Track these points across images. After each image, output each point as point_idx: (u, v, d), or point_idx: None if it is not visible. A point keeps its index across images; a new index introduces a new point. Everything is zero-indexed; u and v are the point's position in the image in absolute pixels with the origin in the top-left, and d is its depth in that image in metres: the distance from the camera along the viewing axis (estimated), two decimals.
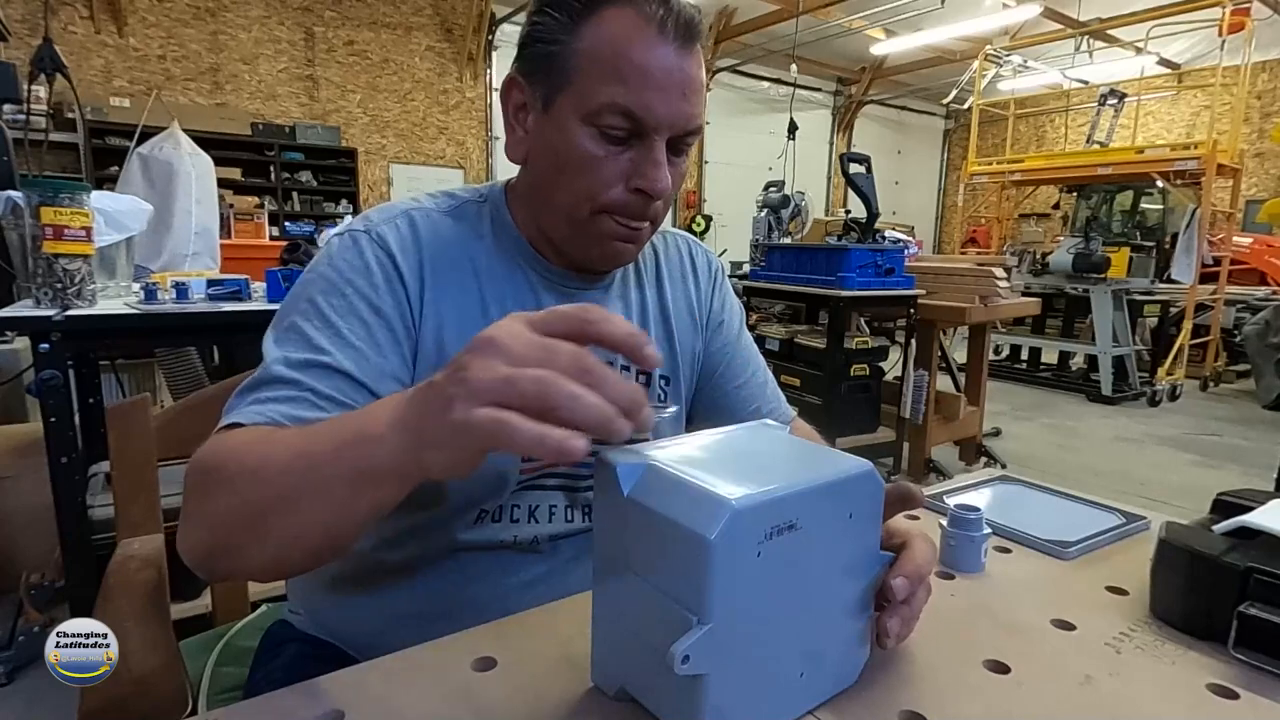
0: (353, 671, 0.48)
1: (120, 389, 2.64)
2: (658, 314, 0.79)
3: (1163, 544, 0.56)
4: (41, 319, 1.40)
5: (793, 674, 0.43)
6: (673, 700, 0.40)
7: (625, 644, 0.44)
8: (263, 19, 7.34)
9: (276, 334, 0.60)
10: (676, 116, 0.62)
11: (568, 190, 0.64)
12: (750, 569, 0.38)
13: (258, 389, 0.56)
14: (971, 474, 0.90)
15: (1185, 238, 5.60)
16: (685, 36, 0.61)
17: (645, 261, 0.80)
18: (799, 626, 0.42)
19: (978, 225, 10.30)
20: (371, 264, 0.63)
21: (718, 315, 0.85)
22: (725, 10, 9.41)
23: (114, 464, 0.81)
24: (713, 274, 0.86)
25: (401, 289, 0.63)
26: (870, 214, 3.04)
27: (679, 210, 10.84)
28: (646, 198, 0.64)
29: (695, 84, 0.63)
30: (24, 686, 1.66)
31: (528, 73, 0.65)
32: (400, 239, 0.65)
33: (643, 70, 0.60)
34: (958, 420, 3.47)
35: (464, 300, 0.66)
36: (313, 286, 0.62)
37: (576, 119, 0.62)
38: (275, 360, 0.58)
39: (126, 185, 2.52)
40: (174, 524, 0.53)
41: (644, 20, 0.60)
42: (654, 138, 0.62)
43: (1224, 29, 5.59)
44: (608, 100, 0.60)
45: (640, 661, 0.43)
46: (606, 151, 0.62)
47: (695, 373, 0.83)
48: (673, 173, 0.64)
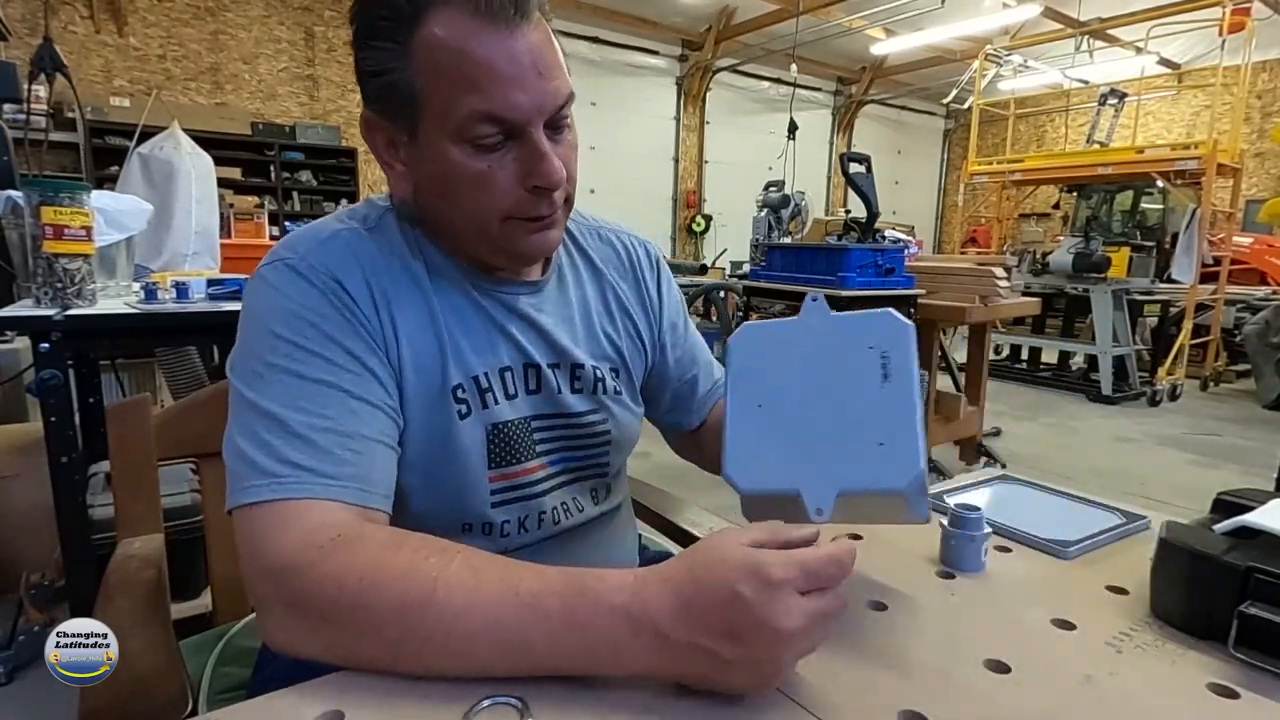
0: (353, 671, 0.48)
1: (120, 389, 2.64)
2: (601, 308, 0.78)
3: (1163, 544, 0.56)
4: (41, 319, 1.40)
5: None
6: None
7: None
8: (263, 19, 7.35)
9: (251, 381, 0.57)
10: (542, 100, 0.58)
11: (467, 211, 0.62)
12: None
13: (280, 448, 0.53)
14: (971, 474, 0.90)
15: (1185, 237, 5.60)
16: (517, 9, 0.56)
17: (575, 259, 0.79)
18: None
19: (978, 225, 10.31)
20: (324, 292, 0.59)
21: (670, 317, 0.85)
22: (725, 10, 9.42)
23: (114, 464, 0.81)
24: (655, 267, 0.85)
25: (358, 310, 0.60)
26: (870, 214, 3.03)
27: (679, 210, 10.85)
28: (546, 190, 0.62)
29: (546, 57, 0.59)
30: (24, 686, 1.66)
31: (380, 109, 0.62)
32: (340, 262, 0.61)
33: (488, 68, 0.56)
34: (958, 420, 3.47)
35: (414, 313, 0.64)
36: (272, 323, 0.58)
37: (446, 140, 0.59)
38: (278, 408, 0.55)
39: (126, 185, 2.52)
40: (174, 524, 0.53)
41: (468, 12, 0.55)
42: (529, 130, 0.59)
43: (1224, 29, 5.58)
44: (467, 112, 0.57)
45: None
46: (489, 163, 0.59)
47: (648, 359, 0.83)
48: (562, 153, 0.61)
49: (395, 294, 0.63)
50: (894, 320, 0.58)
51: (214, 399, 0.87)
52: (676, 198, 10.87)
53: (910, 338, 0.57)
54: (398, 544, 0.50)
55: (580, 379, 0.73)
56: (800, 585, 0.43)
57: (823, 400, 0.58)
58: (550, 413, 0.71)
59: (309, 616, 0.49)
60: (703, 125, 10.87)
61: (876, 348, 0.57)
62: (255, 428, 0.54)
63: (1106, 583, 0.63)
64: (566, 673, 0.46)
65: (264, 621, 0.51)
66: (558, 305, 0.74)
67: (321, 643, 0.49)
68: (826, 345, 0.59)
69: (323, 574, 0.48)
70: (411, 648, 0.46)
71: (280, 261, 0.60)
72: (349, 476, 0.54)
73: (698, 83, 10.48)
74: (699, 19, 9.75)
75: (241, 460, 0.54)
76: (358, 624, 0.47)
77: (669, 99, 10.58)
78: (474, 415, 0.65)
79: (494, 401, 0.67)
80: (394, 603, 0.47)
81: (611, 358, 0.77)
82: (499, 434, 0.67)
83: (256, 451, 0.53)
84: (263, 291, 0.60)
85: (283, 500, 0.52)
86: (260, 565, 0.50)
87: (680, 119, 10.67)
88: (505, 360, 0.68)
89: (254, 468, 0.53)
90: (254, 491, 0.52)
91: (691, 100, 10.61)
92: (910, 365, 0.56)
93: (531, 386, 0.70)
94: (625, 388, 0.78)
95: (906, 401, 0.55)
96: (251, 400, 0.56)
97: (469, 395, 0.65)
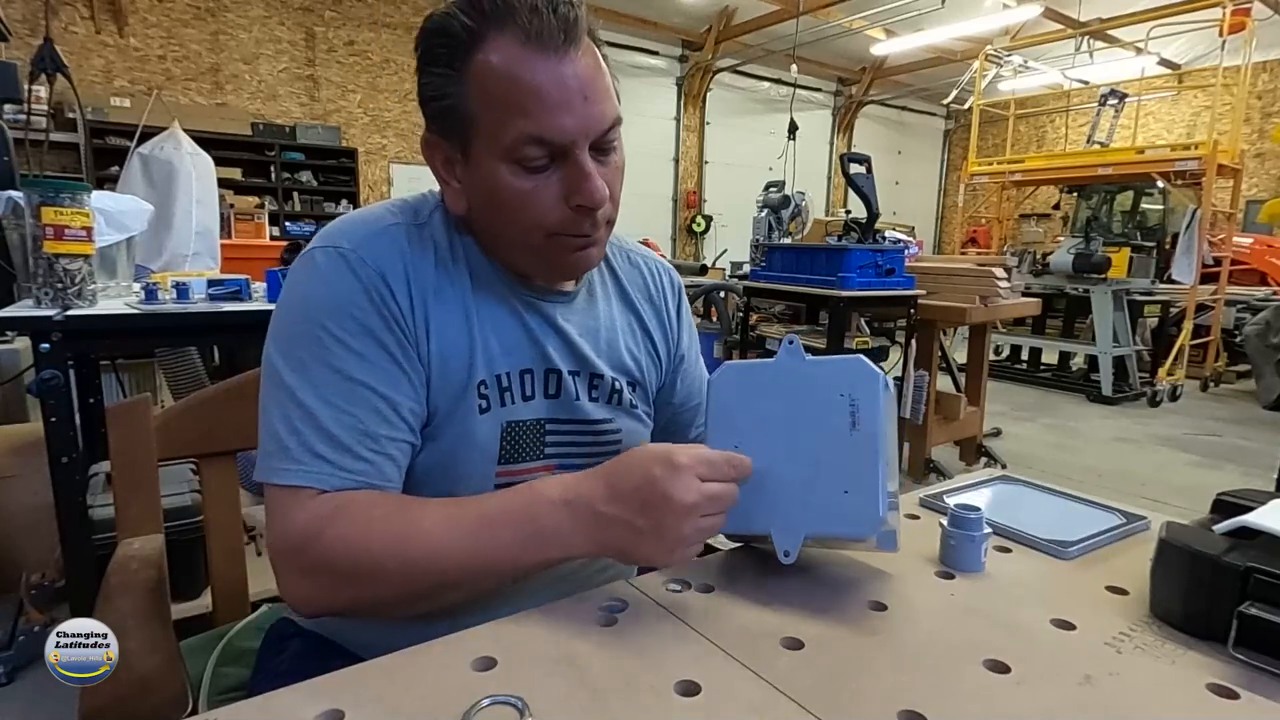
0: (353, 671, 0.48)
1: (120, 389, 2.65)
2: (625, 325, 0.81)
3: (1163, 544, 0.56)
4: (42, 319, 1.40)
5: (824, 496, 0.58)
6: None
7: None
8: (263, 19, 7.35)
9: (292, 365, 0.61)
10: (588, 124, 0.61)
11: (513, 227, 0.65)
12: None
13: (310, 438, 0.59)
14: (971, 474, 0.90)
15: (1185, 238, 5.60)
16: (567, 38, 0.60)
17: (605, 278, 0.82)
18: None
19: (978, 225, 10.29)
20: (368, 288, 0.63)
21: (685, 346, 0.87)
22: (725, 10, 9.42)
23: (114, 464, 0.81)
24: (677, 296, 0.88)
25: (396, 307, 0.63)
26: (870, 214, 3.03)
27: (679, 210, 10.86)
28: (588, 209, 0.64)
29: (594, 82, 0.62)
30: (24, 686, 1.66)
31: (438, 130, 0.66)
32: (388, 258, 0.64)
33: (536, 93, 0.59)
34: (958, 420, 3.47)
35: (450, 311, 0.67)
36: (317, 311, 0.62)
37: (495, 160, 0.62)
38: (313, 401, 0.60)
39: (127, 185, 2.52)
40: (174, 524, 0.54)
41: (519, 40, 0.59)
42: (575, 153, 0.62)
43: (1224, 29, 5.58)
44: (516, 134, 0.60)
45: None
46: (534, 182, 0.63)
47: (662, 379, 0.85)
48: (606, 174, 0.64)
49: (434, 292, 0.66)
50: (864, 368, 0.59)
51: (214, 399, 0.87)
52: (676, 198, 10.88)
53: (879, 387, 0.58)
54: (384, 497, 0.61)
55: (599, 388, 0.76)
56: (701, 472, 0.55)
57: (794, 445, 0.60)
58: (565, 418, 0.74)
59: (325, 576, 0.58)
60: (703, 125, 10.87)
61: (847, 395, 0.59)
62: (290, 414, 0.61)
63: (1106, 583, 0.63)
64: (530, 563, 0.57)
65: (290, 588, 0.59)
66: (585, 317, 0.76)
67: (343, 596, 0.58)
68: (800, 390, 0.61)
69: (329, 540, 0.57)
70: (408, 574, 0.57)
71: (334, 248, 0.64)
72: (363, 471, 0.61)
73: (698, 83, 10.49)
74: (699, 19, 9.75)
75: (274, 440, 0.61)
76: (363, 570, 0.57)
77: (669, 99, 10.59)
78: (492, 411, 0.68)
79: (512, 400, 0.70)
80: (387, 542, 0.57)
81: (630, 371, 0.79)
82: (512, 432, 0.70)
83: (290, 437, 0.60)
84: (313, 276, 0.63)
85: (304, 487, 0.59)
86: (280, 543, 0.59)
87: (680, 119, 10.68)
88: (528, 363, 0.71)
89: (284, 452, 0.60)
90: (282, 474, 0.60)
91: (692, 100, 10.61)
92: (877, 414, 0.58)
93: (551, 391, 0.72)
94: (640, 401, 0.81)
95: (871, 451, 0.57)
96: (291, 386, 0.61)
97: (490, 392, 0.68)
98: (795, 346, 0.63)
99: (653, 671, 0.48)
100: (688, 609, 0.57)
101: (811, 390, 0.61)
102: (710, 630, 0.54)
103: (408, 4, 8.08)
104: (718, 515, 0.56)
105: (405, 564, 0.56)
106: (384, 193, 8.21)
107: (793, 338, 0.63)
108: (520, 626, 0.54)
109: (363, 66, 7.91)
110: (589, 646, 0.51)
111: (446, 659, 0.49)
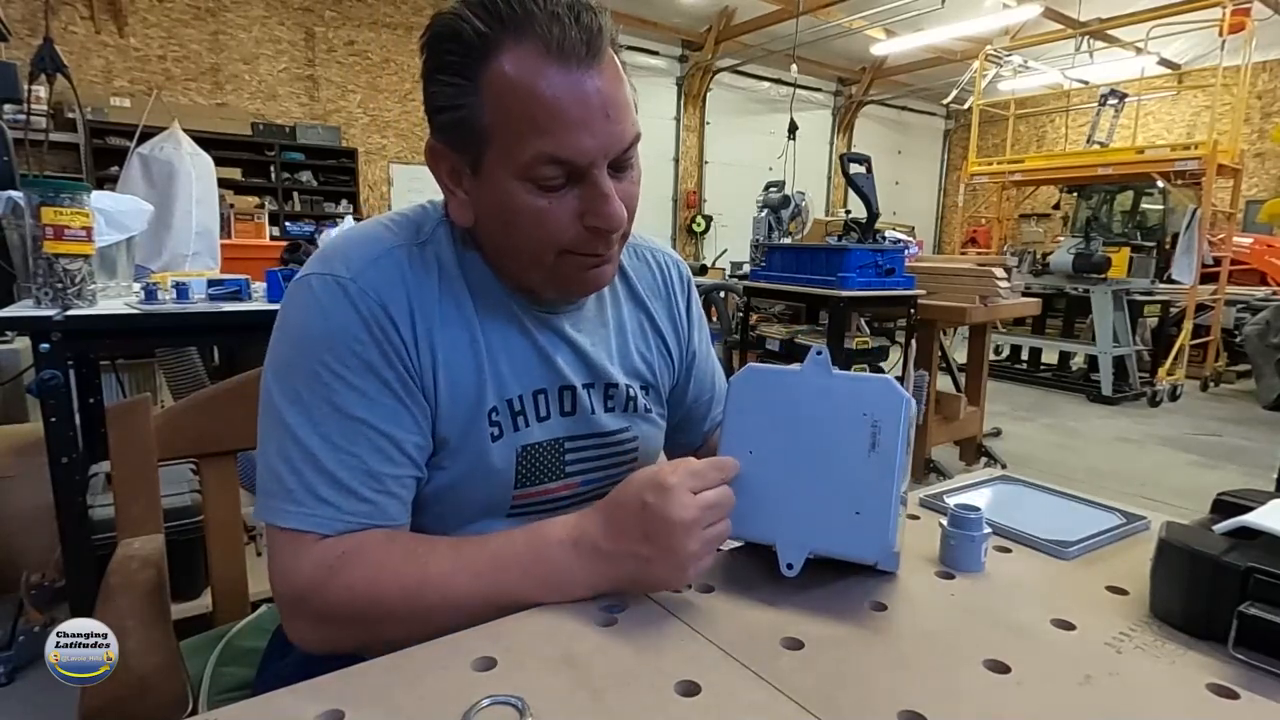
0: (353, 671, 0.48)
1: (120, 389, 2.65)
2: (636, 327, 0.79)
3: (1163, 544, 0.56)
4: (42, 319, 1.40)
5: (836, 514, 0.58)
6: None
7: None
8: (263, 19, 7.34)
9: (291, 401, 0.59)
10: (608, 143, 0.59)
11: (524, 244, 0.62)
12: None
13: (311, 480, 0.58)
14: (971, 474, 0.90)
15: (1185, 238, 5.60)
16: (590, 50, 0.56)
17: (615, 278, 0.79)
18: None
19: (978, 225, 10.29)
20: (367, 321, 0.60)
21: (696, 339, 0.86)
22: (725, 10, 9.42)
23: (114, 464, 0.81)
24: (686, 289, 0.86)
25: (398, 339, 0.61)
26: (870, 214, 3.03)
27: (680, 210, 10.85)
28: (604, 230, 0.62)
29: (616, 99, 0.59)
30: (24, 686, 1.66)
31: (446, 141, 0.62)
32: (388, 287, 0.61)
33: (557, 110, 0.56)
34: (958, 420, 3.47)
35: (456, 338, 0.64)
36: (314, 345, 0.59)
37: (509, 177, 0.59)
38: (314, 441, 0.58)
39: (127, 185, 2.52)
40: (174, 524, 0.54)
41: (540, 52, 0.55)
42: (594, 173, 0.59)
43: (1224, 29, 5.58)
44: (534, 153, 0.57)
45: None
46: (550, 201, 0.60)
47: (675, 375, 0.84)
48: (624, 192, 0.62)
49: (439, 319, 0.64)
50: (893, 391, 0.58)
51: (214, 400, 0.87)
52: (677, 198, 10.87)
53: (904, 410, 0.58)
54: (390, 541, 0.59)
55: (614, 398, 0.75)
56: (690, 485, 0.55)
57: (810, 458, 0.59)
58: (583, 434, 0.72)
59: (335, 623, 0.57)
60: (703, 125, 10.87)
61: (869, 415, 0.58)
62: (290, 452, 0.58)
63: (1106, 583, 0.63)
64: (540, 602, 0.56)
65: (298, 633, 0.59)
66: (595, 325, 0.75)
67: (351, 640, 0.57)
68: (822, 403, 0.60)
69: (336, 589, 0.56)
70: (420, 618, 0.55)
71: (331, 276, 0.60)
72: (367, 513, 0.59)
73: (698, 83, 10.48)
74: (699, 19, 9.75)
75: (275, 479, 0.59)
76: (374, 617, 0.56)
77: (669, 99, 10.57)
78: (505, 437, 0.67)
79: (525, 424, 0.68)
80: (397, 590, 0.56)
81: (644, 375, 0.78)
82: (528, 455, 0.69)
83: (290, 477, 0.58)
84: (310, 306, 0.60)
85: (307, 532, 0.58)
86: (284, 588, 0.58)
87: (680, 119, 10.67)
88: (541, 383, 0.69)
89: (287, 493, 0.58)
90: (283, 516, 0.58)
91: (692, 100, 10.61)
92: (897, 439, 0.57)
93: (566, 408, 0.71)
94: (654, 404, 0.79)
95: (888, 475, 0.57)
96: (290, 425, 0.59)
97: (502, 418, 0.67)
98: (823, 358, 0.62)
99: (653, 671, 0.48)
100: (688, 609, 0.57)
101: (834, 405, 0.60)
102: (710, 630, 0.54)
103: (408, 4, 8.07)
104: (721, 522, 0.56)
105: (415, 610, 0.56)
106: (384, 193, 8.21)
107: (820, 349, 0.62)
108: (520, 626, 0.54)
109: (363, 66, 7.91)
110: (589, 646, 0.51)
111: (446, 659, 0.49)
